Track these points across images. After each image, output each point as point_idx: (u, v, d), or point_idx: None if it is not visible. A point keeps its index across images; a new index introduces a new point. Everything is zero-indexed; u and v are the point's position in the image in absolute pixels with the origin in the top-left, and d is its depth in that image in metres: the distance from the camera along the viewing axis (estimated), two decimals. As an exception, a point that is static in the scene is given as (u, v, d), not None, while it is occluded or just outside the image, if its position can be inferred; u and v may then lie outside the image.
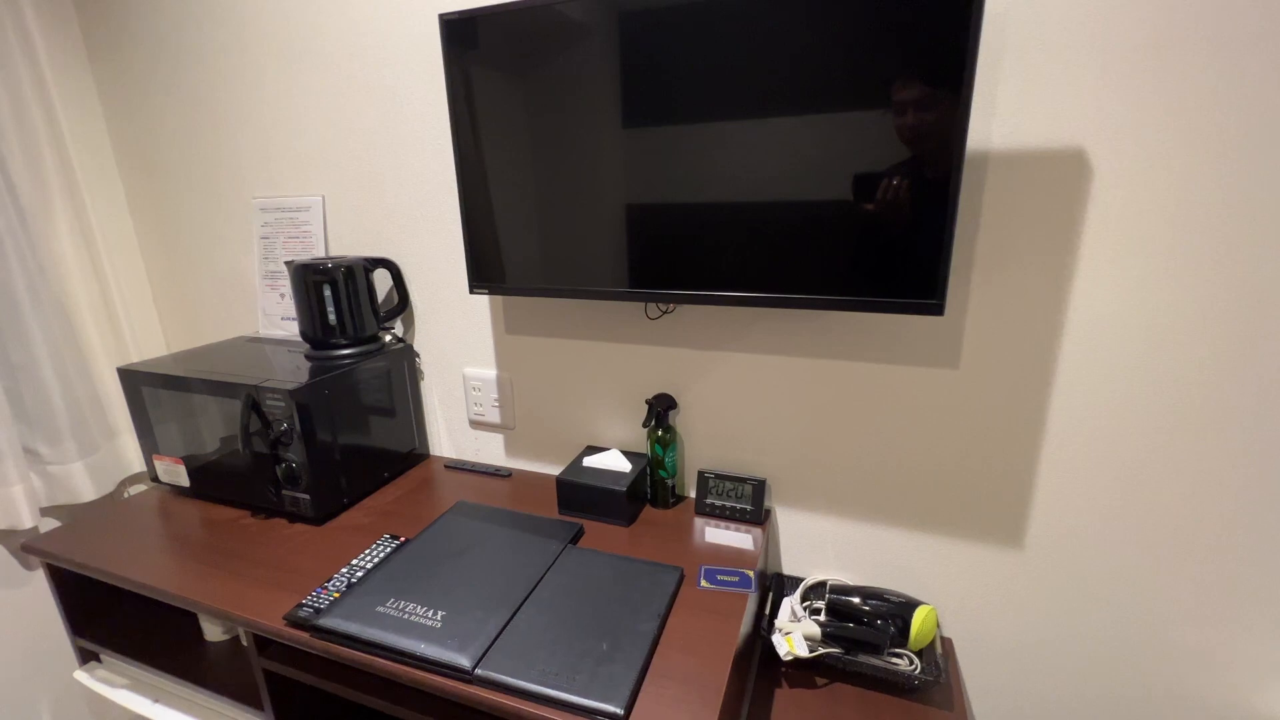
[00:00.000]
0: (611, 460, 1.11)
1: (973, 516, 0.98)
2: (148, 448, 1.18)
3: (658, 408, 1.07)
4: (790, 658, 0.90)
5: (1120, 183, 0.78)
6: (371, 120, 1.19)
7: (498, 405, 1.27)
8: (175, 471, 1.16)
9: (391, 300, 1.28)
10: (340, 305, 1.16)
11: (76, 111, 1.42)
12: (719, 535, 1.03)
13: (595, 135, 0.90)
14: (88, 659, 1.15)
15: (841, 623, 0.95)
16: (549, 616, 0.80)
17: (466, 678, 0.72)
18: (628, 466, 1.09)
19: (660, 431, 1.07)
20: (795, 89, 0.78)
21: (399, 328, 1.31)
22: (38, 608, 1.38)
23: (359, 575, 0.90)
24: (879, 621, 0.94)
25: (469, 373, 1.28)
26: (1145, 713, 0.95)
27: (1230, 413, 0.81)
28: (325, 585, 0.88)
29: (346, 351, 1.17)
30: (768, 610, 1.01)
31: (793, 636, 0.92)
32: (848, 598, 0.97)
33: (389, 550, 0.97)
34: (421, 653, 0.74)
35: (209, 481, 1.14)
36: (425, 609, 0.81)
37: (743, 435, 1.09)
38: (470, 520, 1.03)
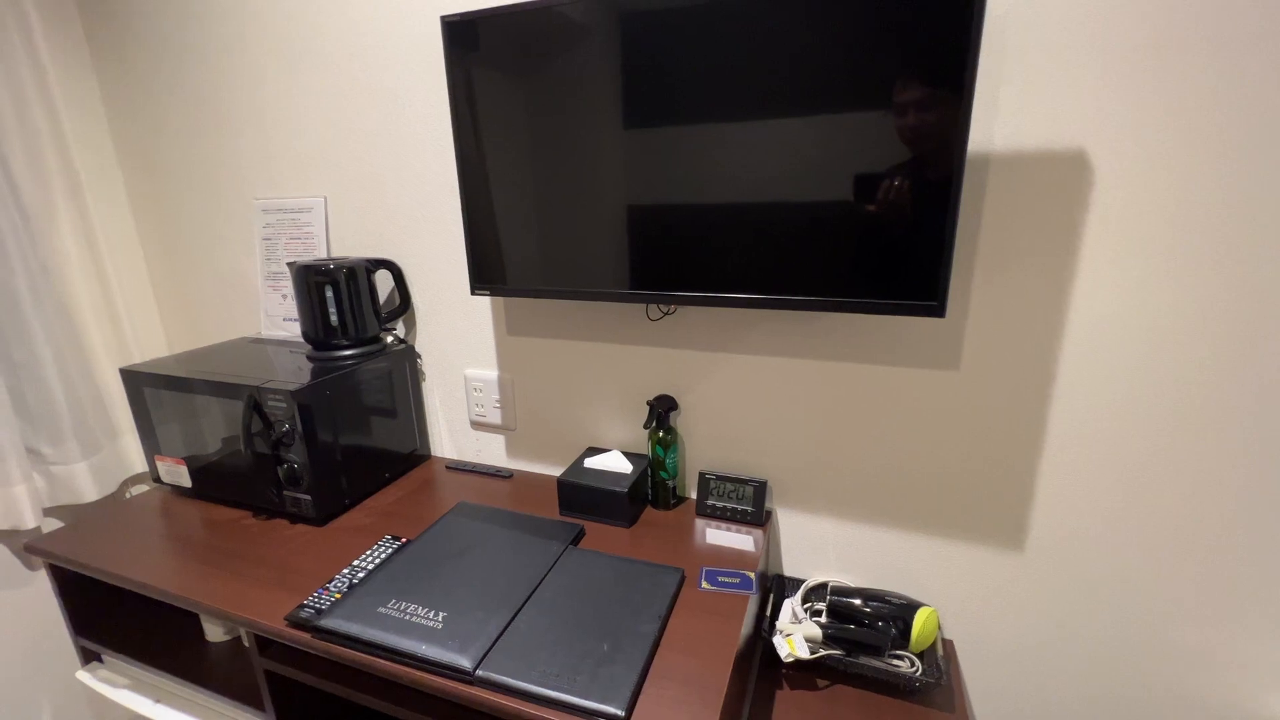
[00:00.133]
0: (612, 461, 1.11)
1: (974, 518, 0.98)
2: (150, 448, 1.18)
3: (659, 409, 1.07)
4: (791, 659, 0.90)
5: (1120, 183, 0.78)
6: (373, 121, 1.20)
7: (499, 406, 1.27)
8: (177, 472, 1.17)
9: (393, 301, 1.29)
10: (342, 306, 1.16)
11: (79, 112, 1.42)
12: (720, 536, 1.03)
13: (596, 136, 0.90)
14: (89, 659, 1.15)
15: (842, 624, 0.95)
16: (550, 618, 0.80)
17: (467, 679, 0.72)
18: (629, 468, 1.10)
19: (661, 433, 1.07)
20: (796, 89, 0.78)
21: (400, 329, 1.31)
22: (40, 608, 1.38)
23: (360, 576, 0.90)
24: (880, 623, 0.94)
25: (470, 374, 1.28)
26: (1146, 713, 0.95)
27: (1230, 413, 0.81)
28: (326, 586, 0.88)
29: (348, 352, 1.18)
30: (769, 612, 1.01)
31: (794, 638, 0.92)
32: (849, 599, 0.97)
33: (390, 551, 0.97)
34: (423, 654, 0.74)
35: (211, 482, 1.14)
36: (426, 610, 0.81)
37: (744, 437, 1.09)
38: (471, 521, 1.03)
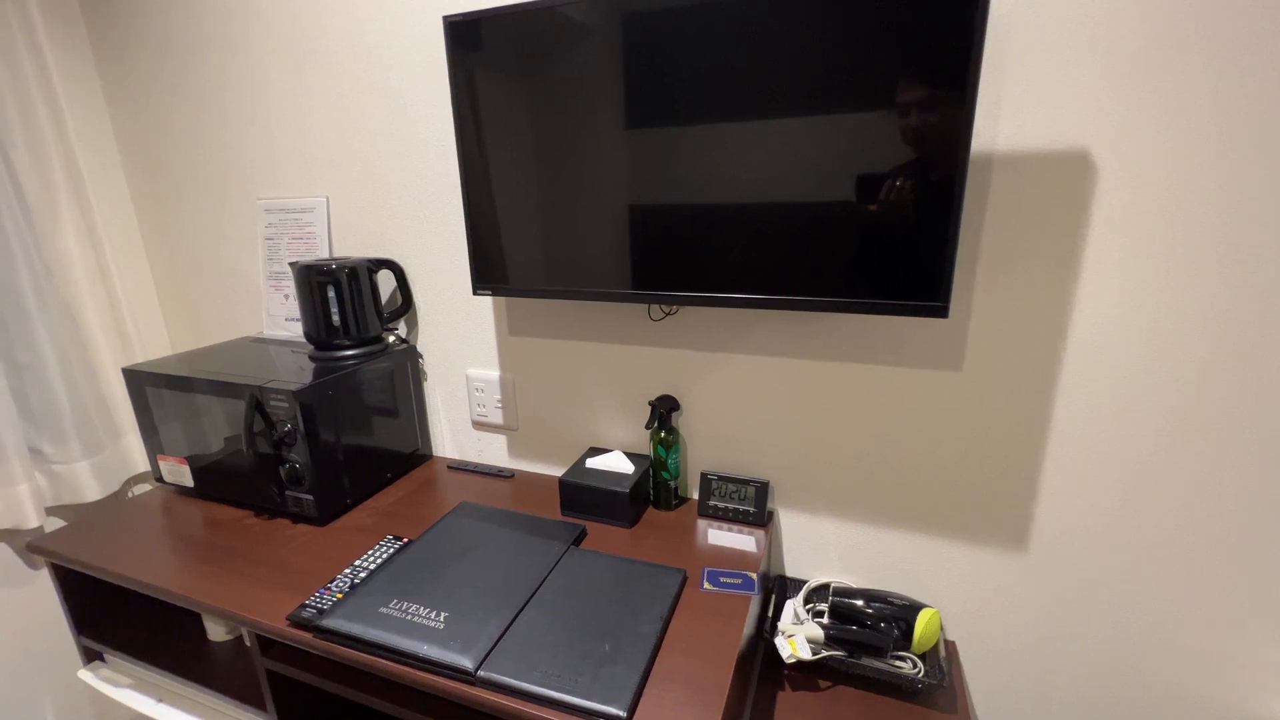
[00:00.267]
0: (614, 462, 1.11)
1: (976, 519, 0.98)
2: (152, 448, 1.18)
3: (660, 409, 1.07)
4: (793, 660, 0.90)
5: (1121, 184, 0.78)
6: (375, 121, 1.20)
7: (500, 406, 1.27)
8: (179, 471, 1.17)
9: (395, 301, 1.29)
10: (344, 306, 1.16)
11: (82, 111, 1.43)
12: (722, 537, 1.02)
13: (598, 137, 0.90)
14: (92, 658, 1.15)
15: (845, 625, 0.95)
16: (551, 618, 0.80)
17: (469, 679, 0.72)
18: (630, 468, 1.10)
19: (663, 433, 1.07)
20: (798, 90, 0.78)
21: (402, 329, 1.31)
22: (42, 607, 1.38)
23: (362, 576, 0.90)
24: (882, 624, 0.94)
25: (472, 374, 1.28)
26: (1146, 713, 0.95)
27: (1231, 413, 0.80)
28: (328, 586, 0.88)
29: (350, 352, 1.18)
30: (770, 613, 1.01)
31: (795, 639, 0.92)
32: (851, 600, 0.97)
33: (392, 551, 0.97)
34: (424, 654, 0.74)
35: (213, 482, 1.14)
36: (428, 610, 0.81)
37: (745, 437, 1.09)
38: (473, 521, 1.03)
